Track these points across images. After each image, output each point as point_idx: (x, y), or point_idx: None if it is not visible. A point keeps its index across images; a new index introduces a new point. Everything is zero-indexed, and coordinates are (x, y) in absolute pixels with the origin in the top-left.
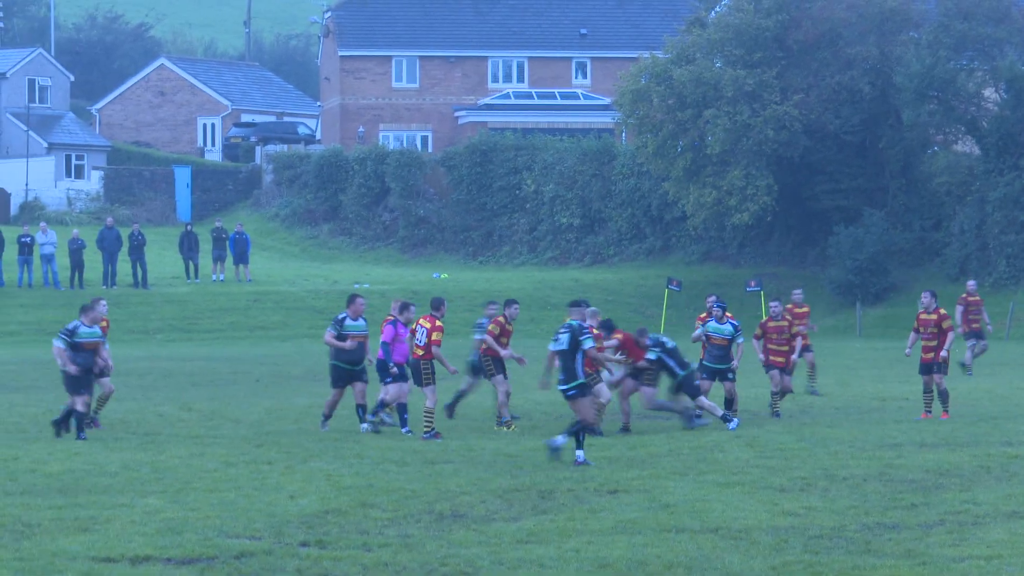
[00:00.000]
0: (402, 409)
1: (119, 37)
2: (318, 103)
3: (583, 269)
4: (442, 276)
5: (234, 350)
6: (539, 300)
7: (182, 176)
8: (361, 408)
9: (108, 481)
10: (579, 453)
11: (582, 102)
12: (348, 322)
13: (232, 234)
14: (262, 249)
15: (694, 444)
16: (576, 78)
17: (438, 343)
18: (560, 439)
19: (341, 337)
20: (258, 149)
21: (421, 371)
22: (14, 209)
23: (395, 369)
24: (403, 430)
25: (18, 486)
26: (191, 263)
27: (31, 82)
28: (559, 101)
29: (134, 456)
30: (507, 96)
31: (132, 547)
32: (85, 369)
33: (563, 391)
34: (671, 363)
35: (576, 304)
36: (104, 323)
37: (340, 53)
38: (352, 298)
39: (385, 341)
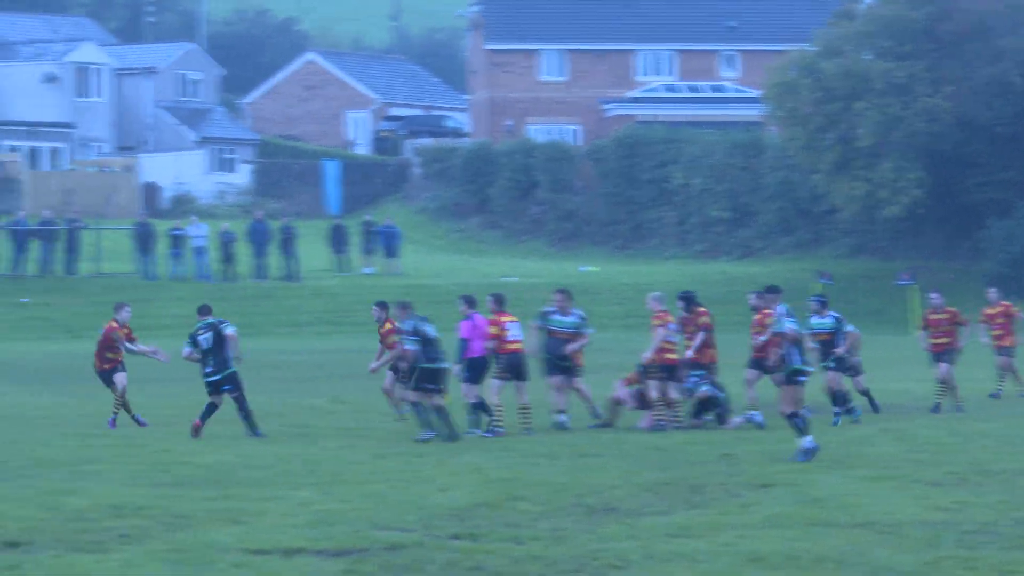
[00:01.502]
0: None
1: (267, 31)
2: (465, 96)
3: (733, 262)
4: (590, 269)
5: None
6: None
7: (331, 170)
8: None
9: (260, 474)
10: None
11: (731, 95)
12: (556, 317)
13: (381, 227)
14: (411, 242)
15: (842, 438)
16: (724, 71)
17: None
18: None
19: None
20: (406, 142)
21: (522, 364)
22: (165, 203)
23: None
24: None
25: (171, 478)
26: (341, 256)
27: (182, 76)
28: (707, 94)
29: (286, 449)
30: (655, 89)
31: (284, 539)
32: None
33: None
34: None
35: (775, 291)
36: (126, 330)
37: (487, 46)
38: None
39: (464, 337)
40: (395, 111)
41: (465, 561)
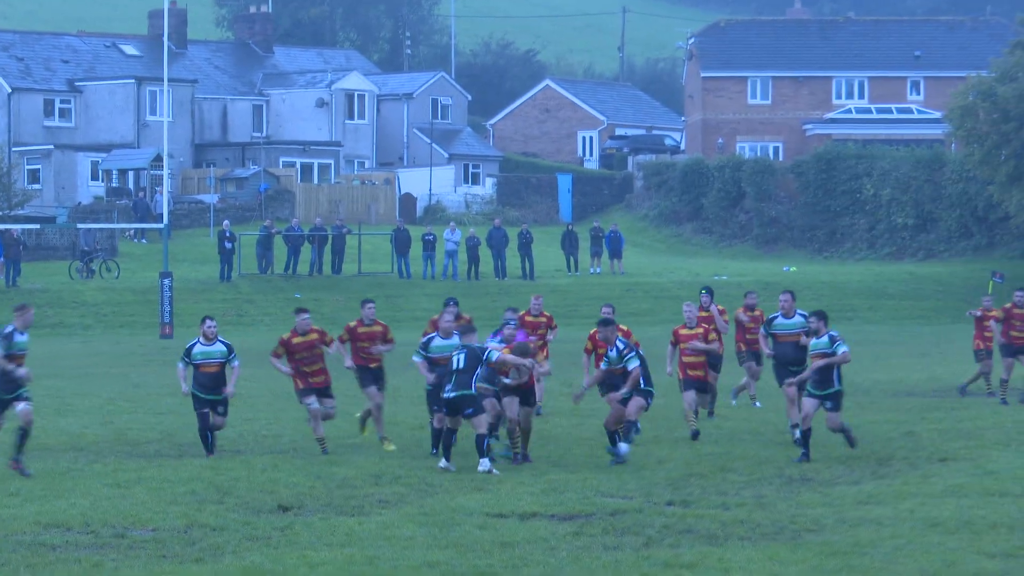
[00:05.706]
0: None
1: (509, 61)
2: (683, 118)
3: (916, 264)
4: (791, 269)
5: None
6: (877, 291)
7: (564, 182)
8: None
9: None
10: None
11: (916, 116)
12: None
13: (607, 232)
14: (633, 245)
15: (1016, 418)
16: (911, 95)
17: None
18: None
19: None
20: (630, 158)
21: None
22: (419, 211)
23: None
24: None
25: (423, 452)
26: (571, 258)
27: (435, 101)
28: (895, 116)
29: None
30: (849, 111)
31: (521, 504)
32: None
33: None
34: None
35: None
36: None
37: (702, 74)
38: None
39: None
40: (621, 131)
41: (678, 524)
